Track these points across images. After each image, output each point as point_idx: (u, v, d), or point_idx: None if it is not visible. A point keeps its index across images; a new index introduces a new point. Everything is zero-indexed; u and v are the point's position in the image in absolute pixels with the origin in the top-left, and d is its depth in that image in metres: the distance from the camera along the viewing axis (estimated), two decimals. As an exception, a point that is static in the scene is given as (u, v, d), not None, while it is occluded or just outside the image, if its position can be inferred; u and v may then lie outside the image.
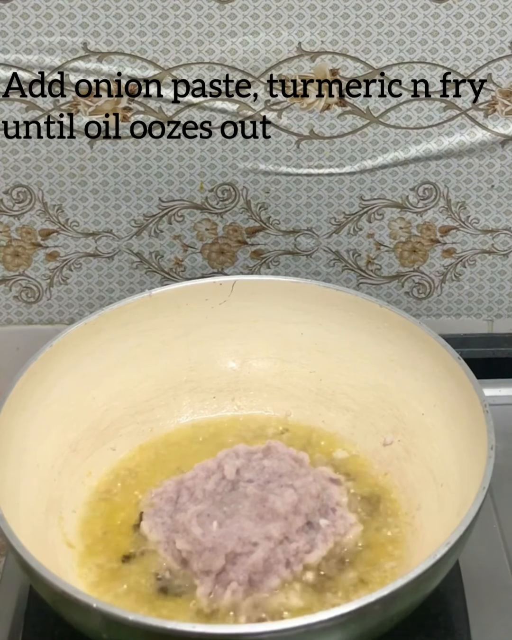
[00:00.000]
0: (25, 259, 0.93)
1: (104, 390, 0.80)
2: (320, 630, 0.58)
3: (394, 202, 0.91)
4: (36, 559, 0.61)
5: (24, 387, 0.73)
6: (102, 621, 0.59)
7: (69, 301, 0.96)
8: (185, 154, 0.88)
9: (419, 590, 0.62)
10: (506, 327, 0.98)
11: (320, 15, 0.82)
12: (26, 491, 0.71)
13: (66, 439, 0.77)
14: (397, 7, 0.82)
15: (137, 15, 0.82)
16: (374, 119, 0.87)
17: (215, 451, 0.76)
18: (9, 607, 0.74)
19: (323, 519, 0.71)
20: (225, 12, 0.82)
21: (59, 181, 0.89)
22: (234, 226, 0.92)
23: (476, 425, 0.70)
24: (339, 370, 0.82)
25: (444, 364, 0.75)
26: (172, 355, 0.83)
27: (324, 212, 0.91)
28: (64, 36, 0.83)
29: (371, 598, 0.58)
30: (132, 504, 0.75)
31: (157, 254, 0.93)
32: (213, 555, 0.67)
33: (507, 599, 0.73)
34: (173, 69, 0.84)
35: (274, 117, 0.86)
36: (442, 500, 0.71)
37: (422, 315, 0.97)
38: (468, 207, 0.91)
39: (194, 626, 0.58)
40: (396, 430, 0.78)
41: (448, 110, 0.86)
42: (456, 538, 0.61)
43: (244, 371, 0.85)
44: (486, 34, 0.83)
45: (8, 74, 0.84)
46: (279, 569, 0.68)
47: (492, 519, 0.79)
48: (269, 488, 0.71)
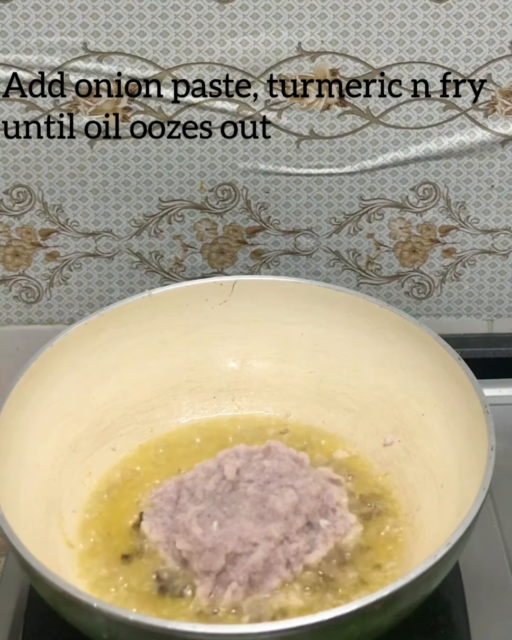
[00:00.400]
0: (25, 259, 0.93)
1: (104, 390, 0.80)
2: (320, 630, 0.58)
3: (394, 202, 0.91)
4: (36, 558, 0.61)
5: (24, 387, 0.73)
6: (102, 621, 0.59)
7: (69, 301, 0.96)
8: (185, 154, 0.88)
9: (419, 590, 0.62)
10: (506, 327, 0.98)
11: (320, 15, 0.82)
12: (26, 491, 0.71)
13: (66, 439, 0.77)
14: (397, 7, 0.82)
15: (137, 15, 0.82)
16: (374, 119, 0.87)
17: (215, 451, 0.76)
18: (9, 607, 0.74)
19: (323, 519, 0.71)
20: (225, 12, 0.82)
21: (59, 181, 0.89)
22: (234, 226, 0.92)
23: (476, 425, 0.70)
24: (339, 370, 0.82)
25: (444, 364, 0.75)
26: (172, 355, 0.83)
27: (324, 212, 0.91)
28: (64, 36, 0.83)
29: (371, 598, 0.58)
30: (132, 504, 0.75)
31: (157, 254, 0.93)
32: (213, 556, 0.67)
33: (507, 599, 0.73)
34: (173, 69, 0.84)
35: (274, 117, 0.86)
36: (442, 501, 0.71)
37: (422, 315, 0.97)
38: (468, 207, 0.91)
39: (194, 626, 0.58)
40: (396, 431, 0.78)
41: (448, 110, 0.86)
42: (456, 538, 0.61)
43: (244, 371, 0.85)
44: (486, 34, 0.83)
45: (8, 74, 0.84)
46: (279, 569, 0.68)
47: (492, 519, 0.79)
48: (269, 488, 0.71)
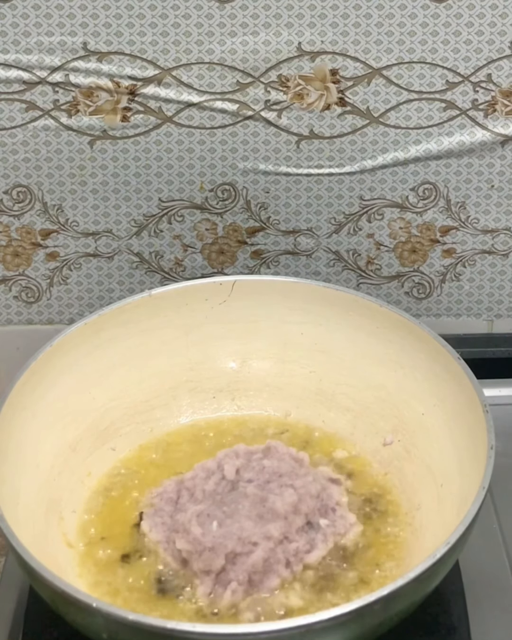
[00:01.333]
0: (25, 259, 0.93)
1: (104, 390, 0.80)
2: (320, 630, 0.58)
3: (394, 202, 0.91)
4: (36, 559, 0.61)
5: (24, 387, 0.73)
6: (102, 621, 0.59)
7: (69, 301, 0.96)
8: (185, 154, 0.88)
9: (419, 590, 0.62)
10: (506, 327, 0.98)
11: (320, 15, 0.82)
12: (26, 491, 0.71)
13: (66, 439, 0.77)
14: (397, 7, 0.82)
15: (137, 15, 0.82)
16: (374, 119, 0.87)
17: (215, 451, 0.76)
18: (9, 607, 0.74)
19: (323, 518, 0.71)
20: (225, 12, 0.82)
21: (59, 181, 0.89)
22: (234, 226, 0.92)
23: (476, 425, 0.70)
24: (339, 370, 0.82)
25: (444, 364, 0.75)
26: (172, 355, 0.83)
27: (324, 212, 0.91)
28: (64, 36, 0.83)
29: (371, 598, 0.58)
30: (132, 504, 0.75)
31: (157, 254, 0.93)
32: (213, 555, 0.67)
33: (507, 599, 0.73)
34: (173, 69, 0.84)
35: (274, 117, 0.86)
36: (442, 500, 0.71)
37: (422, 315, 0.97)
38: (468, 207, 0.91)
39: (194, 626, 0.58)
40: (396, 430, 0.78)
41: (448, 110, 0.86)
42: (456, 538, 0.61)
43: (244, 371, 0.85)
44: (486, 34, 0.83)
45: (8, 74, 0.84)
46: (279, 569, 0.68)
47: (492, 519, 0.79)
48: (269, 488, 0.71)
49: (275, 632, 0.58)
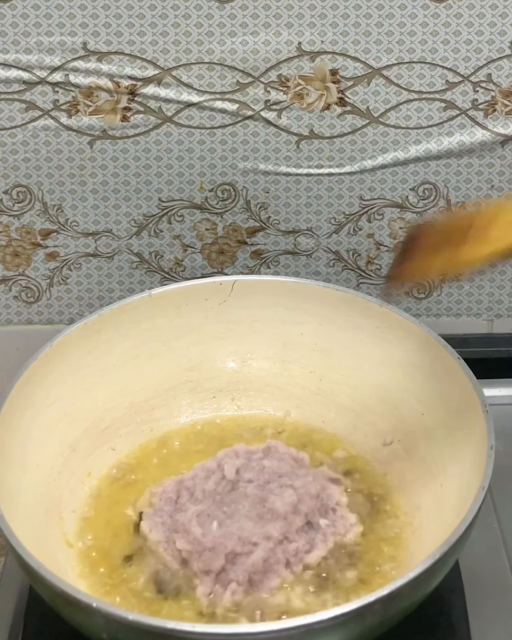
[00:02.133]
0: (25, 259, 0.93)
1: (104, 390, 0.80)
2: (320, 630, 0.58)
3: (394, 202, 0.91)
4: (36, 559, 0.61)
5: (24, 387, 0.73)
6: (102, 621, 0.59)
7: (68, 301, 0.96)
8: (185, 154, 0.88)
9: (419, 590, 0.62)
10: (506, 327, 0.97)
11: (320, 15, 0.82)
12: (26, 491, 0.71)
13: (66, 439, 0.77)
14: (397, 7, 0.82)
15: (137, 15, 0.82)
16: (374, 119, 0.87)
17: (215, 451, 0.76)
18: (9, 607, 0.74)
19: (323, 519, 0.71)
20: (225, 12, 0.82)
21: (59, 181, 0.89)
22: (234, 226, 0.92)
23: (476, 425, 0.70)
24: (339, 370, 0.82)
25: (444, 364, 0.75)
26: (172, 355, 0.83)
27: (324, 212, 0.91)
28: (64, 36, 0.83)
29: (371, 598, 0.58)
30: (131, 504, 0.75)
31: (157, 254, 0.93)
32: (213, 555, 0.67)
33: (507, 599, 0.73)
34: (173, 69, 0.84)
35: (274, 117, 0.86)
36: (442, 500, 0.71)
37: (422, 315, 0.97)
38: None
39: (194, 626, 0.58)
40: (396, 430, 0.78)
41: (448, 110, 0.86)
42: (455, 538, 0.61)
43: (244, 371, 0.85)
44: (486, 34, 0.83)
45: (8, 74, 0.84)
46: (279, 569, 0.68)
47: (492, 519, 0.79)
48: (269, 488, 0.71)
49: (275, 632, 0.58)
